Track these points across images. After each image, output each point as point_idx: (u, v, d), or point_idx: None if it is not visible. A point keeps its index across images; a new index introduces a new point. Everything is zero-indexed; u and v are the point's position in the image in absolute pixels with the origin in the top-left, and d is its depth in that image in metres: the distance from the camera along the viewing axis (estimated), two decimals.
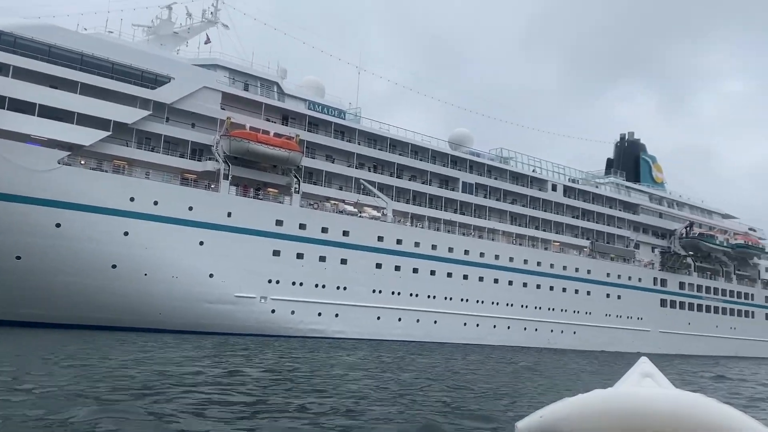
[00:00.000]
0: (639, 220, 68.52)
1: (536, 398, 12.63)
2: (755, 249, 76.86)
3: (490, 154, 60.29)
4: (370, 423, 8.93)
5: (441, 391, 13.70)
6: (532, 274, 56.16)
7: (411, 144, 52.43)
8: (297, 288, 42.35)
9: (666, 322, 65.74)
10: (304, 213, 43.78)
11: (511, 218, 57.80)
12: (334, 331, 42.84)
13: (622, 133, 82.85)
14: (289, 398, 11.11)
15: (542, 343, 54.45)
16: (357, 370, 17.96)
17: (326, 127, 47.85)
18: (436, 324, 48.86)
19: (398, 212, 49.58)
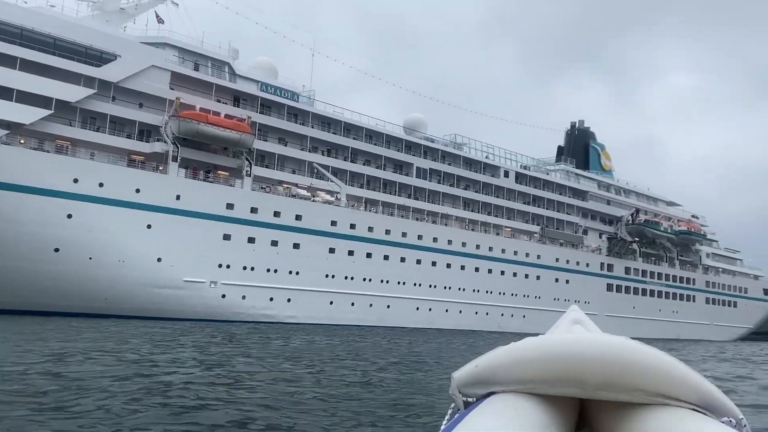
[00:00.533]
0: (587, 206, 70.12)
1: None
2: (697, 236, 79.67)
3: (444, 140, 60.55)
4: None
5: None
6: (484, 259, 56.88)
7: (365, 128, 52.17)
8: (248, 273, 41.79)
9: (612, 305, 67.62)
10: (255, 197, 43.13)
11: (464, 204, 58.30)
12: (286, 316, 42.51)
13: (572, 121, 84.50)
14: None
15: (493, 326, 55.32)
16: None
17: (279, 110, 47.14)
18: (389, 308, 49.04)
19: (352, 197, 49.36)
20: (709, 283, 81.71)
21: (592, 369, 1.36)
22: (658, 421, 1.29)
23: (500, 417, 1.30)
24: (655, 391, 1.35)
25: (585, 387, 1.38)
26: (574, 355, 1.39)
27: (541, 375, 1.42)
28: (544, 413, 1.39)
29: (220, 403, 8.53)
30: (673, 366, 1.38)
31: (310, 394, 9.78)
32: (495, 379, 1.48)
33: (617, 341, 1.39)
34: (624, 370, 1.35)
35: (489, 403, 1.41)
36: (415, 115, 60.03)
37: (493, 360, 1.51)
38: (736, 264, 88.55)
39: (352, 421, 7.88)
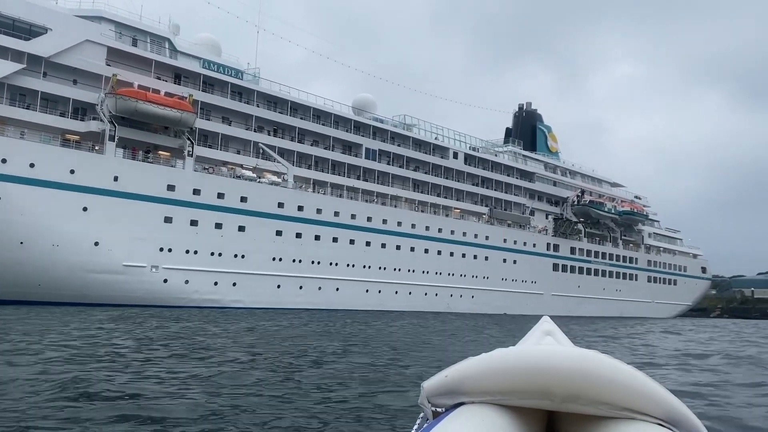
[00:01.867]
0: (534, 188, 71.00)
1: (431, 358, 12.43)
2: (640, 216, 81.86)
3: (394, 120, 60.05)
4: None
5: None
6: (433, 240, 56.93)
7: (313, 108, 51.13)
8: (191, 256, 40.56)
9: (558, 285, 68.95)
10: (198, 177, 41.76)
11: (413, 185, 58.09)
12: (231, 301, 41.53)
13: (520, 104, 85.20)
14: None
15: (442, 307, 55.57)
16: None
17: (222, 88, 45.67)
18: (339, 291, 48.57)
19: (300, 178, 48.42)
20: (651, 262, 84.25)
21: (560, 381, 1.37)
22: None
23: (469, 427, 1.30)
24: (621, 405, 1.35)
25: (552, 399, 1.39)
26: (542, 368, 1.39)
27: (509, 386, 1.43)
28: (512, 425, 1.40)
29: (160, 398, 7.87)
30: (640, 380, 1.38)
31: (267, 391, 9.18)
32: (464, 389, 1.48)
33: (585, 354, 1.40)
34: (591, 383, 1.35)
35: (458, 414, 1.41)
36: (364, 95, 59.27)
37: (463, 371, 1.51)
38: (676, 243, 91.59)
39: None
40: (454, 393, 1.51)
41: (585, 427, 1.44)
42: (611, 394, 1.36)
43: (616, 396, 1.36)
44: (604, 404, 1.38)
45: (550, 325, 2.38)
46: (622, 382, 1.38)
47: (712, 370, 13.97)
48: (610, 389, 1.36)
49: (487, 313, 55.93)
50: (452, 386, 1.51)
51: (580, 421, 1.47)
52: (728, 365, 15.10)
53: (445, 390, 1.53)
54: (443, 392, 1.54)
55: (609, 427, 1.37)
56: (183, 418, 6.63)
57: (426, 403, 1.57)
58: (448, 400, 1.52)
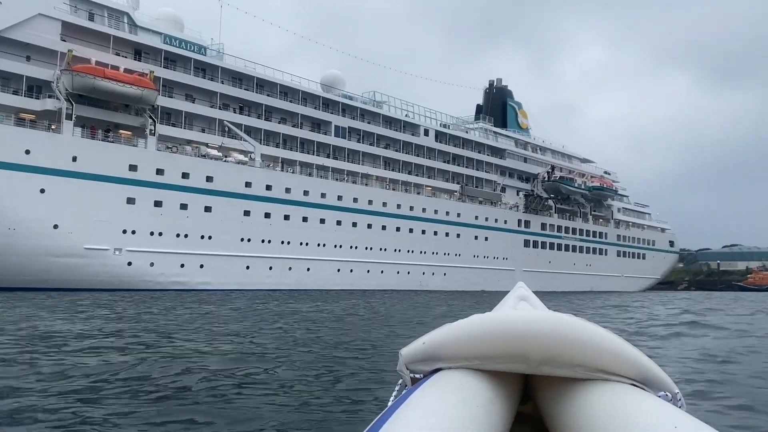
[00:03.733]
0: (505, 164, 70.87)
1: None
2: (609, 191, 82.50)
3: (363, 97, 59.09)
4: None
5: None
6: (404, 218, 56.49)
7: (279, 84, 49.89)
8: (156, 238, 39.44)
9: (529, 261, 69.24)
10: (161, 157, 40.46)
11: (384, 163, 57.41)
12: (198, 283, 40.59)
13: (490, 80, 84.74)
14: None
15: (415, 285, 55.35)
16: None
17: (185, 64, 44.20)
18: (309, 271, 47.91)
19: (267, 156, 47.34)
20: (620, 236, 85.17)
21: (535, 345, 1.40)
22: (597, 396, 1.33)
23: (447, 392, 1.32)
24: (595, 367, 1.40)
25: (528, 363, 1.43)
26: (517, 332, 1.42)
27: (486, 351, 1.46)
28: (489, 388, 1.42)
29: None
30: (613, 342, 1.42)
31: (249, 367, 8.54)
32: (442, 355, 1.51)
33: (559, 318, 1.43)
34: (565, 346, 1.39)
35: (436, 379, 1.43)
36: (332, 71, 58.12)
37: (440, 337, 1.53)
38: (645, 218, 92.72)
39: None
40: (432, 359, 1.52)
41: (560, 389, 1.46)
42: (585, 357, 1.39)
43: (590, 358, 1.39)
44: (579, 366, 1.40)
45: (524, 291, 2.40)
46: (595, 344, 1.40)
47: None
48: (585, 351, 1.39)
49: (459, 290, 55.90)
50: (430, 352, 1.52)
51: (556, 383, 1.48)
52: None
53: (423, 356, 1.54)
54: (421, 359, 1.54)
55: (584, 389, 1.38)
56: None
57: (404, 370, 1.58)
58: (425, 366, 1.53)
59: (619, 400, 1.29)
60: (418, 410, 1.21)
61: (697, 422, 1.14)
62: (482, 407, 1.34)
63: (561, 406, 1.44)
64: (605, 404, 1.29)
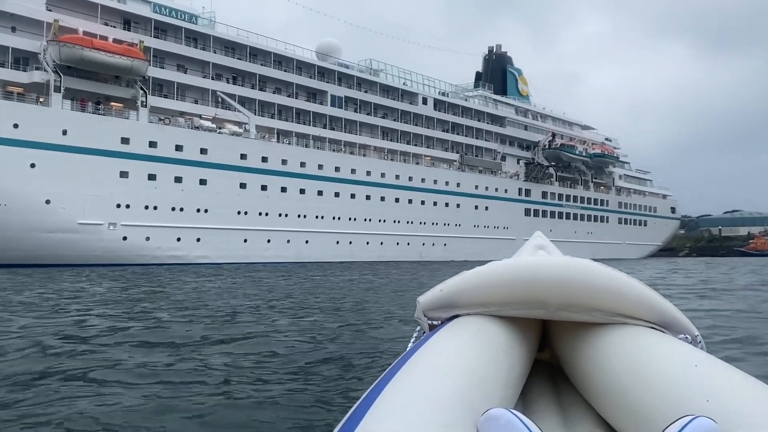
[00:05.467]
0: (505, 132, 69.87)
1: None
2: (610, 158, 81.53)
3: (360, 66, 57.92)
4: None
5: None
6: (403, 189, 55.82)
7: (273, 53, 48.76)
8: (151, 212, 38.85)
9: (530, 230, 66.21)
10: (153, 129, 39.63)
11: (382, 133, 56.52)
12: (196, 257, 40.13)
13: (490, 46, 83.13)
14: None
15: (415, 256, 54.94)
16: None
17: (176, 33, 43.10)
18: (308, 244, 47.43)
19: (262, 128, 46.48)
20: (622, 204, 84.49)
21: (553, 291, 1.37)
22: (616, 338, 1.31)
23: (465, 337, 1.30)
24: (613, 311, 1.37)
25: (547, 308, 1.40)
26: (535, 278, 1.39)
27: (504, 297, 1.43)
28: (507, 334, 1.39)
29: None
30: (631, 286, 1.39)
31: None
32: (459, 302, 1.49)
33: (577, 263, 1.41)
34: (583, 290, 1.36)
35: (454, 324, 1.41)
36: (328, 39, 56.81)
37: (458, 284, 1.51)
38: (647, 185, 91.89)
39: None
40: (449, 306, 1.51)
41: (579, 334, 1.44)
42: (604, 301, 1.37)
43: (609, 302, 1.37)
44: (598, 311, 1.38)
45: (542, 240, 2.42)
46: (614, 288, 1.37)
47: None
48: (603, 296, 1.37)
49: (460, 260, 55.49)
50: (447, 300, 1.51)
51: (574, 329, 1.46)
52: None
53: (440, 303, 1.52)
54: (438, 306, 1.52)
55: (602, 333, 1.36)
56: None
57: (422, 317, 1.56)
58: (443, 313, 1.51)
59: (638, 343, 1.25)
60: (436, 354, 1.18)
61: (716, 361, 1.11)
62: (500, 352, 1.29)
63: (579, 351, 1.41)
64: (625, 347, 1.26)
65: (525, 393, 1.48)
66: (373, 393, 1.03)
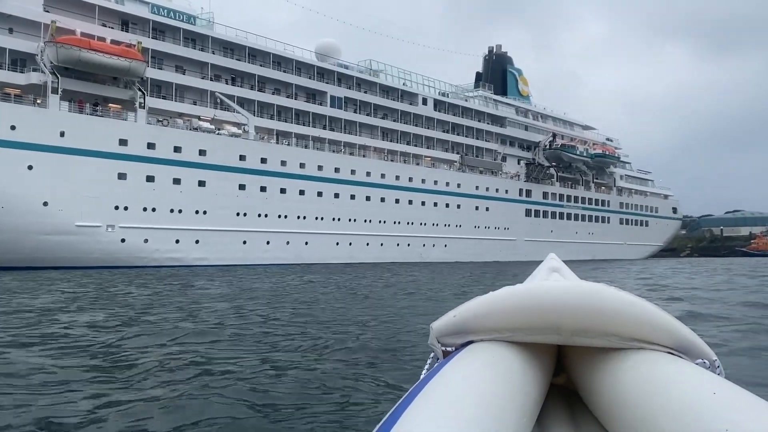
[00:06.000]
0: (506, 133, 69.62)
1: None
2: (612, 158, 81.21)
3: (359, 66, 57.72)
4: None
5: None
6: (403, 189, 55.60)
7: (273, 54, 48.57)
8: (149, 214, 38.65)
9: (531, 230, 68.44)
10: (152, 131, 39.43)
11: (382, 134, 56.30)
12: (194, 259, 39.93)
13: (490, 46, 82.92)
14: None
15: (415, 257, 54.70)
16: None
17: (174, 34, 42.92)
18: (308, 245, 47.21)
19: (261, 129, 46.29)
20: (623, 204, 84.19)
21: (568, 315, 1.37)
22: (633, 364, 1.31)
23: (479, 364, 1.31)
24: (630, 336, 1.36)
25: (562, 333, 1.40)
26: (550, 303, 1.40)
27: (518, 323, 1.43)
28: (522, 360, 1.40)
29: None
30: (648, 310, 1.39)
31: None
32: (473, 328, 1.48)
33: (592, 287, 1.41)
34: (599, 315, 1.36)
35: (468, 351, 1.41)
36: (327, 40, 56.64)
37: (471, 310, 1.51)
38: (648, 185, 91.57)
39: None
40: (463, 332, 1.50)
41: (594, 360, 1.43)
42: (620, 326, 1.36)
43: (624, 327, 1.36)
44: (613, 336, 1.37)
45: (556, 262, 2.41)
46: (630, 313, 1.36)
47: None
48: (619, 321, 1.36)
49: (460, 261, 55.25)
50: (460, 325, 1.50)
51: (590, 353, 1.45)
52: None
53: (454, 329, 1.52)
54: (452, 332, 1.52)
55: (618, 358, 1.36)
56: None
57: (436, 343, 1.56)
58: (457, 339, 1.51)
59: (655, 368, 1.24)
60: (451, 381, 1.18)
61: (736, 387, 1.10)
62: (515, 378, 1.29)
63: (595, 376, 1.39)
64: (641, 372, 1.25)
65: (541, 419, 1.47)
66: (388, 424, 1.00)
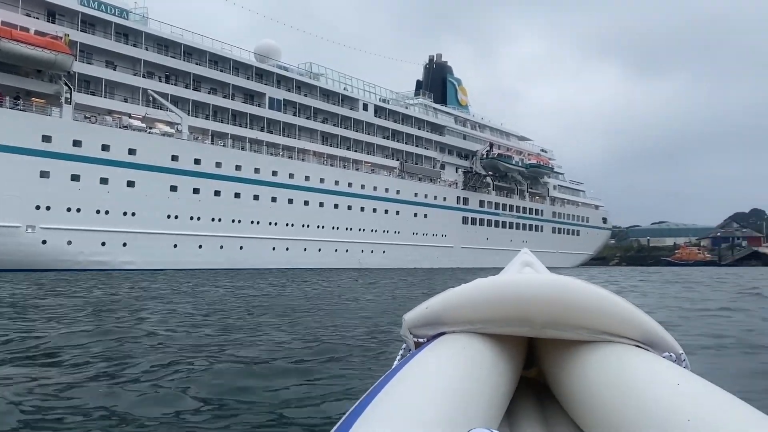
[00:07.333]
0: (445, 141, 70.27)
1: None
2: (546, 168, 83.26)
3: (300, 69, 56.99)
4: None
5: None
6: (343, 195, 55.16)
7: (209, 52, 47.31)
8: (74, 215, 36.77)
9: (467, 238, 69.21)
10: (78, 127, 37.58)
11: (322, 138, 55.70)
12: (121, 262, 38.21)
13: (430, 55, 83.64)
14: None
15: (353, 263, 54.28)
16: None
17: (105, 28, 41.16)
18: (242, 250, 46.06)
19: (196, 129, 44.91)
20: (556, 213, 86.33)
21: (539, 307, 1.39)
22: (601, 356, 1.33)
23: (449, 354, 1.32)
24: (599, 329, 1.39)
25: (532, 325, 1.41)
26: (521, 295, 1.41)
27: (489, 315, 1.44)
28: (492, 352, 1.42)
29: None
30: (616, 304, 1.41)
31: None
32: (445, 319, 1.49)
33: (563, 281, 1.43)
34: (569, 308, 1.38)
35: (439, 342, 1.43)
36: (267, 41, 55.67)
37: (443, 302, 1.52)
38: (580, 195, 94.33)
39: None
40: (435, 323, 1.51)
41: (564, 352, 1.45)
42: (590, 319, 1.38)
43: (594, 320, 1.38)
44: (583, 328, 1.39)
45: (528, 257, 2.58)
46: (599, 306, 1.38)
47: None
48: (588, 314, 1.38)
49: (398, 268, 55.21)
50: (433, 317, 1.51)
51: (560, 346, 1.47)
52: None
53: (426, 321, 1.52)
54: (424, 323, 1.53)
55: (588, 351, 1.38)
56: None
57: (408, 334, 1.57)
58: (429, 331, 1.52)
59: (623, 361, 1.27)
60: (420, 372, 1.19)
61: (699, 380, 1.13)
62: (485, 369, 1.31)
63: (565, 368, 1.42)
64: (609, 365, 1.27)
65: (511, 411, 1.47)
66: (356, 411, 1.00)
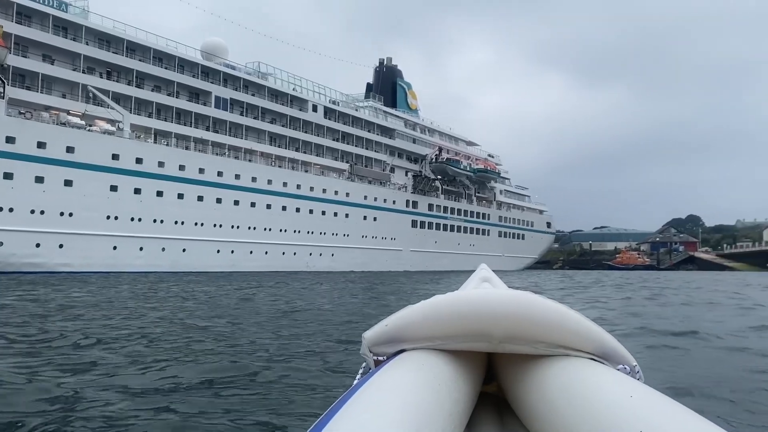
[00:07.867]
0: (395, 144, 70.39)
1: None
2: (493, 173, 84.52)
3: (248, 68, 56.04)
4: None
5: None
6: (291, 197, 54.46)
7: (153, 48, 45.95)
8: (6, 215, 35.05)
9: (416, 241, 69.47)
10: (12, 123, 35.83)
11: (270, 139, 54.89)
12: (57, 264, 36.61)
13: (381, 58, 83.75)
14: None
15: (301, 266, 53.64)
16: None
17: (43, 20, 39.46)
18: (185, 252, 44.85)
19: (138, 127, 43.52)
20: (502, 217, 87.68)
21: (498, 322, 1.40)
22: (557, 370, 1.36)
23: (409, 372, 1.32)
24: (555, 343, 1.41)
25: (491, 340, 1.43)
26: (479, 310, 1.42)
27: (448, 331, 1.45)
28: (452, 368, 1.42)
29: None
30: (572, 318, 1.43)
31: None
32: (404, 336, 1.50)
33: (521, 296, 1.44)
34: (527, 322, 1.40)
35: (398, 359, 1.43)
36: (214, 38, 54.57)
37: (403, 318, 1.52)
38: (525, 200, 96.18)
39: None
40: (395, 341, 1.50)
41: (522, 367, 1.46)
42: (546, 333, 1.40)
43: (551, 334, 1.40)
44: (540, 342, 1.41)
45: (487, 272, 2.51)
46: (556, 320, 1.40)
47: None
48: (546, 328, 1.40)
49: (346, 271, 54.85)
50: (393, 334, 1.50)
51: (518, 361, 1.49)
52: None
53: (386, 338, 1.51)
54: (384, 341, 1.52)
55: (544, 365, 1.40)
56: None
57: (368, 353, 1.56)
58: (389, 348, 1.52)
59: (578, 374, 1.29)
60: (379, 389, 1.18)
61: (652, 391, 1.14)
62: (444, 385, 1.31)
63: (522, 382, 1.43)
64: (565, 378, 1.28)
65: (471, 426, 1.48)
66: (315, 430, 1.00)
